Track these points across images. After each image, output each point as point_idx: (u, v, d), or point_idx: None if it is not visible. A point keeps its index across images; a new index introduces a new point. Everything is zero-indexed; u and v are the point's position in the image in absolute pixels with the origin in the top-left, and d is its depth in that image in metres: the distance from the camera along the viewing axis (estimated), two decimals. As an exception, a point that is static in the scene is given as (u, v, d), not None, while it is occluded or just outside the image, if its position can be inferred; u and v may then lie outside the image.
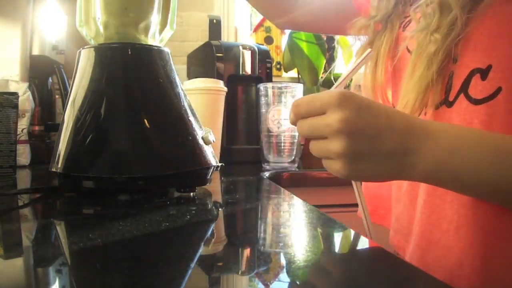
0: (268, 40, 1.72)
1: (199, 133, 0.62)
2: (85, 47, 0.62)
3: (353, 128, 0.40)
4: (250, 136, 1.24)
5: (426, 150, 0.40)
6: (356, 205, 0.58)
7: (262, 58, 1.26)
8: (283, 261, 0.37)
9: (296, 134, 1.08)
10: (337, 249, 0.44)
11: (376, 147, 0.40)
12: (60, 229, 0.47)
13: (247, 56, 1.24)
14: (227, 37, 1.66)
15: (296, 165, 1.10)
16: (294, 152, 1.10)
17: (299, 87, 1.09)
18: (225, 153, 1.12)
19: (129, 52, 0.62)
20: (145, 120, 0.59)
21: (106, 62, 0.61)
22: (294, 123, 0.45)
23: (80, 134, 0.57)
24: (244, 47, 1.25)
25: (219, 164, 0.65)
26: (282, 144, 1.09)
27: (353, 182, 0.50)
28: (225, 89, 1.08)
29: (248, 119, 1.25)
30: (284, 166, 1.09)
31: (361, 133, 0.40)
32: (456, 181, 0.41)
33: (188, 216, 0.50)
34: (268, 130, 1.10)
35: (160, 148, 0.58)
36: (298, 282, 0.33)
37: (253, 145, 1.21)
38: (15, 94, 0.84)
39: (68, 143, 0.58)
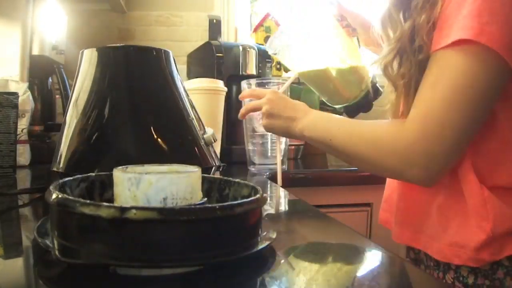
0: (268, 40, 1.72)
1: (201, 133, 0.62)
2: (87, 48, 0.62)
3: (272, 103, 0.77)
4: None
5: (302, 121, 0.73)
6: (356, 205, 0.58)
7: (262, 58, 1.26)
8: (282, 261, 0.37)
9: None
10: (337, 249, 0.44)
11: (281, 113, 0.76)
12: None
13: (247, 56, 1.24)
14: (227, 37, 1.66)
15: (284, 166, 1.00)
16: (282, 153, 0.98)
17: (287, 89, 0.97)
18: (225, 153, 1.12)
19: (132, 53, 0.62)
20: (148, 121, 0.59)
21: (109, 63, 0.61)
22: (242, 98, 0.91)
23: (83, 134, 0.57)
24: (244, 47, 1.25)
25: (221, 165, 0.65)
26: (268, 145, 1.01)
27: (276, 138, 0.91)
28: (225, 89, 1.08)
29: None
30: (271, 167, 1.00)
31: (276, 105, 0.77)
32: (310, 138, 0.72)
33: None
34: (253, 130, 1.01)
35: (162, 148, 0.58)
36: (298, 282, 0.33)
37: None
38: (15, 94, 0.84)
39: (71, 143, 0.58)
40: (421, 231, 0.65)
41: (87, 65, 0.61)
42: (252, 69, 1.25)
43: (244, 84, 1.00)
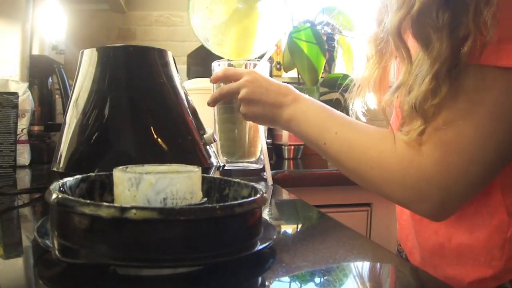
0: (268, 40, 1.71)
1: (201, 133, 0.62)
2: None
3: (252, 85, 0.64)
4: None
5: (289, 109, 0.61)
6: (356, 205, 0.58)
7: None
8: (282, 261, 0.37)
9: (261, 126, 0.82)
10: (337, 249, 0.44)
11: (264, 99, 0.63)
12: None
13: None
14: (227, 37, 1.66)
15: (261, 166, 0.86)
16: (258, 149, 0.83)
17: (266, 66, 0.81)
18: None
19: (132, 53, 0.62)
20: (148, 121, 0.59)
21: (109, 62, 0.61)
22: (214, 82, 0.72)
23: (83, 134, 0.57)
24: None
25: (221, 164, 0.65)
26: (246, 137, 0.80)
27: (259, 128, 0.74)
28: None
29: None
30: (245, 165, 0.82)
31: (256, 88, 0.64)
32: (298, 133, 0.61)
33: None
34: (226, 121, 0.83)
35: (162, 148, 0.58)
36: (298, 282, 0.33)
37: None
38: (15, 94, 0.84)
39: (71, 143, 0.58)
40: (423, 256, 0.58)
41: (87, 65, 0.61)
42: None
43: (215, 64, 0.81)
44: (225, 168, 0.73)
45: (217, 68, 0.82)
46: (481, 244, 0.50)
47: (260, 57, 0.83)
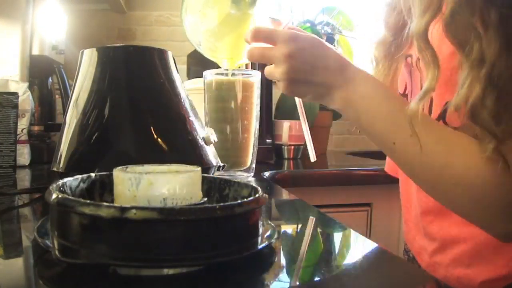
0: (268, 40, 1.71)
1: (200, 133, 0.62)
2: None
3: (293, 62, 0.51)
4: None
5: (345, 90, 0.51)
6: (356, 205, 0.58)
7: (262, 58, 1.26)
8: (282, 261, 0.37)
9: (253, 133, 0.84)
10: (337, 249, 0.44)
11: (309, 78, 0.52)
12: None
13: (247, 56, 1.24)
14: (227, 37, 1.66)
15: (251, 174, 0.85)
16: (250, 158, 0.84)
17: (257, 75, 0.83)
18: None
19: (132, 53, 0.62)
20: (148, 121, 0.59)
21: (109, 62, 0.61)
22: (248, 41, 0.57)
23: (83, 134, 0.57)
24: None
25: (221, 164, 0.65)
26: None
27: (296, 101, 0.63)
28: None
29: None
30: (236, 175, 0.83)
31: (299, 66, 0.52)
32: (357, 121, 0.51)
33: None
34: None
35: (162, 148, 0.58)
36: (297, 282, 0.33)
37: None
38: (15, 94, 0.84)
39: (71, 143, 0.58)
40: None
41: (87, 65, 0.61)
42: (252, 69, 1.25)
43: (206, 73, 0.81)
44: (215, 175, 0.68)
45: (209, 76, 0.83)
46: (494, 244, 0.48)
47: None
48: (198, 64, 1.39)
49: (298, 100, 0.62)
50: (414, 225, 0.62)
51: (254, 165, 0.86)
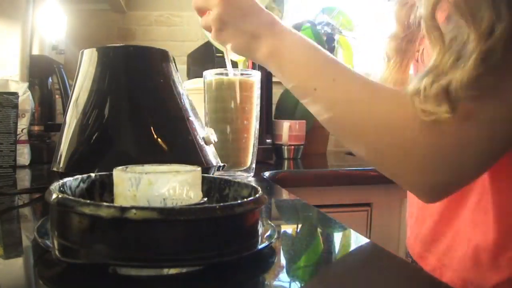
0: (268, 40, 1.71)
1: (200, 133, 0.62)
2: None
3: (227, 5, 0.53)
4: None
5: (271, 42, 0.52)
6: (356, 205, 0.58)
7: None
8: (282, 261, 0.37)
9: (253, 133, 0.85)
10: (337, 249, 0.44)
11: (239, 24, 0.53)
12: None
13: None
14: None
15: (251, 174, 0.86)
16: (250, 158, 0.84)
17: (257, 75, 0.84)
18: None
19: (132, 53, 0.62)
20: (148, 121, 0.59)
21: (109, 62, 0.61)
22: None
23: (83, 134, 0.57)
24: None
25: (221, 164, 0.65)
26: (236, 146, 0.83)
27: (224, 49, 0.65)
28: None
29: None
30: (236, 175, 0.84)
31: (231, 11, 0.53)
32: (280, 72, 0.52)
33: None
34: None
35: (162, 147, 0.58)
36: (297, 282, 0.33)
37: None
38: (15, 94, 0.84)
39: (71, 143, 0.58)
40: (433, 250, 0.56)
41: (87, 65, 0.61)
42: (252, 69, 1.25)
43: (206, 73, 0.83)
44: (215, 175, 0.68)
45: (209, 76, 0.83)
46: (502, 245, 0.48)
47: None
48: (198, 64, 1.39)
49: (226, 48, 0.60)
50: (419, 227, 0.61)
51: (254, 165, 0.86)
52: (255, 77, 0.84)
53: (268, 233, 0.38)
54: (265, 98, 1.20)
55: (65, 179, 0.38)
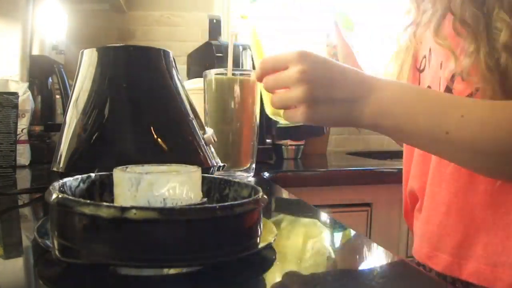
0: (268, 40, 1.71)
1: (201, 133, 0.62)
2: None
3: (311, 77, 0.47)
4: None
5: (373, 100, 0.47)
6: (356, 205, 0.58)
7: (262, 58, 1.26)
8: (282, 261, 0.37)
9: (253, 133, 0.84)
10: (337, 249, 0.44)
11: (331, 94, 0.47)
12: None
13: (247, 56, 1.24)
14: (227, 37, 1.66)
15: (251, 174, 0.86)
16: (250, 158, 0.84)
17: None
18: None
19: (132, 53, 0.62)
20: (148, 121, 0.59)
21: (109, 62, 0.61)
22: (260, 79, 0.52)
23: (83, 134, 0.57)
24: (244, 47, 1.25)
25: (221, 164, 0.65)
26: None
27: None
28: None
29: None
30: (236, 175, 0.83)
31: (317, 82, 0.47)
32: (397, 128, 0.47)
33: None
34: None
35: (162, 148, 0.58)
36: (298, 282, 0.33)
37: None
38: (15, 94, 0.84)
39: (71, 143, 0.58)
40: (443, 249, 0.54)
41: (87, 65, 0.61)
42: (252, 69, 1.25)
43: (207, 73, 0.81)
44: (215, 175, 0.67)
45: (209, 76, 0.83)
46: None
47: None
48: (198, 64, 1.39)
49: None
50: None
51: (254, 165, 0.86)
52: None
53: (268, 233, 0.38)
54: (265, 98, 1.20)
55: (65, 179, 0.38)
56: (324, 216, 0.55)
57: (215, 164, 0.63)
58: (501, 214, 0.49)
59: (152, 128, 0.58)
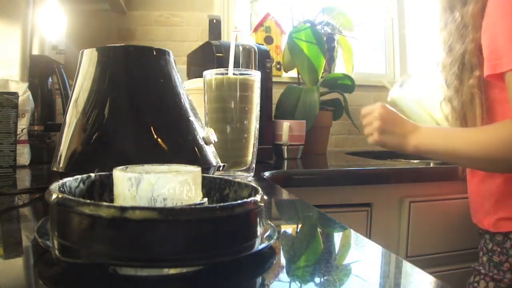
0: (268, 40, 1.72)
1: (200, 133, 0.62)
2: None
3: (385, 117, 0.90)
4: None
5: (415, 135, 0.87)
6: (356, 205, 0.58)
7: (262, 58, 1.26)
8: (282, 261, 0.37)
9: (253, 133, 0.85)
10: (337, 249, 0.44)
11: (392, 129, 0.89)
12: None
13: (247, 56, 1.24)
14: (227, 37, 1.66)
15: (251, 174, 0.86)
16: (250, 158, 0.85)
17: (257, 75, 0.85)
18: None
19: (132, 53, 0.62)
20: (148, 121, 0.59)
21: (109, 62, 0.61)
22: (362, 118, 0.97)
23: (83, 134, 0.57)
24: (244, 47, 1.25)
25: (221, 164, 0.65)
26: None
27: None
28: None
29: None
30: (236, 175, 0.84)
31: (388, 121, 0.89)
32: (428, 151, 0.86)
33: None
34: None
35: (162, 148, 0.58)
36: (297, 282, 0.33)
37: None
38: (15, 94, 0.84)
39: (71, 143, 0.58)
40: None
41: (87, 65, 0.61)
42: (252, 69, 1.25)
43: (206, 73, 0.84)
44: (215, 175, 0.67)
45: (209, 76, 0.84)
46: None
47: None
48: (198, 64, 1.39)
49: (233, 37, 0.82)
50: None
51: (254, 165, 0.86)
52: (255, 77, 0.84)
53: (268, 233, 0.38)
54: (265, 98, 1.20)
55: (65, 179, 0.38)
56: (324, 216, 0.55)
57: (215, 164, 0.63)
58: None
59: (152, 128, 0.58)
